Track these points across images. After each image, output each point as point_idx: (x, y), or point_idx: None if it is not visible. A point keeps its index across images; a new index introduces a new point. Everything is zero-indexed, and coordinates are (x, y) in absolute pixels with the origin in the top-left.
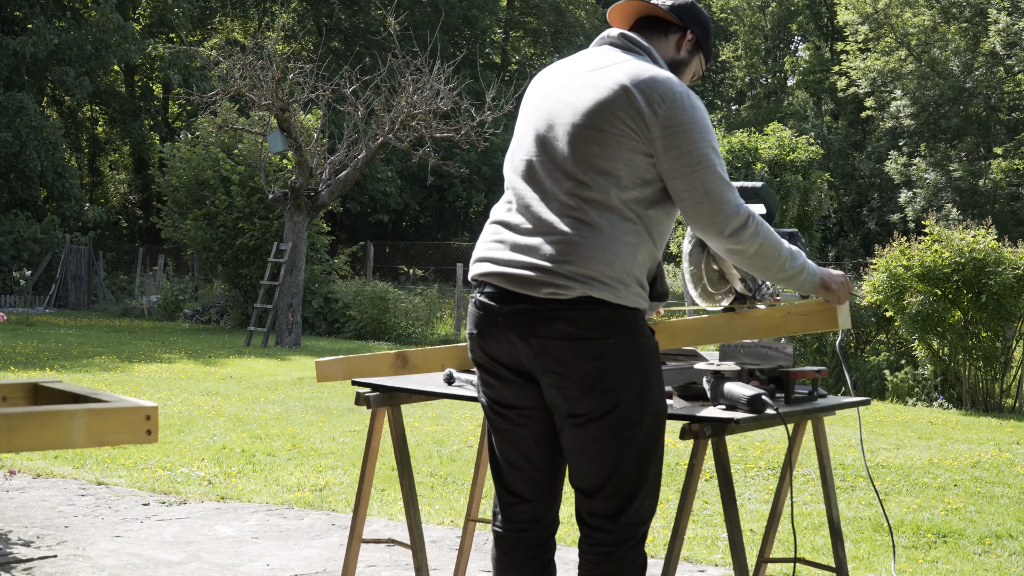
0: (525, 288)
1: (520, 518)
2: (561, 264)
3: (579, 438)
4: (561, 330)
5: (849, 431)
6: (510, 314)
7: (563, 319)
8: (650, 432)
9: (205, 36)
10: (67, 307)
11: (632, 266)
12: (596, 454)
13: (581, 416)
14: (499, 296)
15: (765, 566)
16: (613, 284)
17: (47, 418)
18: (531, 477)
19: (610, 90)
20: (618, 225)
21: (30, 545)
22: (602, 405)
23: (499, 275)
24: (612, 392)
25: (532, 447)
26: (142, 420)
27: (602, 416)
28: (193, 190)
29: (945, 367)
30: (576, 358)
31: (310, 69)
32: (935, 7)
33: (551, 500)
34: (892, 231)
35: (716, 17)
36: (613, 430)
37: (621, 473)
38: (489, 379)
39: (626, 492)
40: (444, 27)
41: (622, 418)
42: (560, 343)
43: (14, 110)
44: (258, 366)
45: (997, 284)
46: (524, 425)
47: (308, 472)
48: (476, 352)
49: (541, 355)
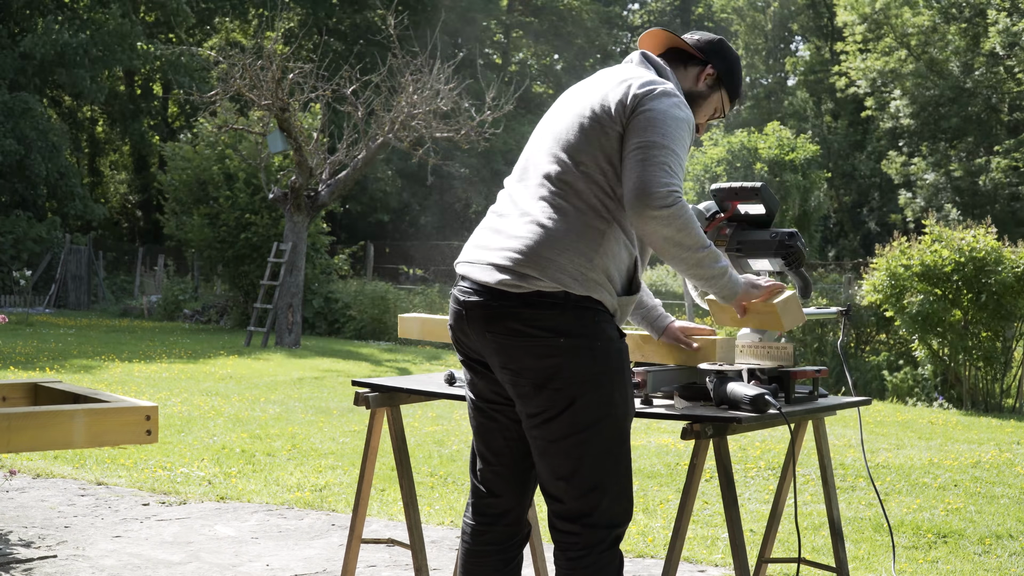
0: (484, 275)
1: (487, 511)
2: (523, 251)
3: (537, 439)
4: (511, 327)
5: (849, 431)
6: (471, 307)
7: (513, 316)
8: (612, 434)
9: (205, 36)
10: (67, 307)
11: (598, 258)
12: (555, 455)
13: (536, 416)
14: (467, 289)
15: (765, 566)
16: (572, 274)
17: (47, 418)
18: (499, 472)
19: (604, 86)
20: (585, 212)
21: (30, 545)
22: (555, 404)
23: (466, 264)
24: (564, 391)
25: (501, 442)
26: (142, 420)
27: (556, 416)
28: (195, 189)
29: (945, 367)
30: (526, 356)
31: (310, 69)
32: (935, 7)
33: (518, 498)
34: (892, 231)
35: (716, 17)
36: (570, 431)
37: (583, 475)
38: (468, 372)
39: (592, 495)
40: (444, 27)
41: (578, 418)
42: (510, 340)
43: (19, 111)
44: (258, 366)
45: (997, 284)
46: (495, 419)
47: (308, 472)
48: (455, 345)
49: (496, 351)
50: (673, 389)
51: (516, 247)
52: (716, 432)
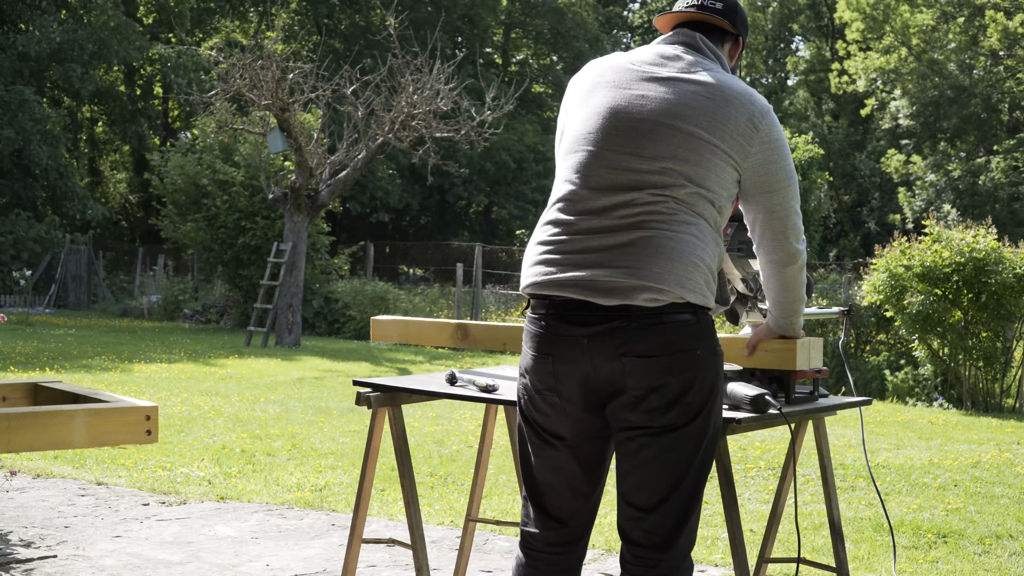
0: (615, 297)
1: (558, 541)
2: (649, 266)
3: (647, 448)
4: (655, 343)
5: (850, 431)
6: (596, 335)
7: (657, 331)
8: (711, 444)
9: (205, 36)
10: (67, 307)
11: (712, 266)
12: (662, 466)
13: (654, 428)
14: (580, 315)
15: (765, 566)
16: (700, 285)
17: (47, 418)
18: (573, 502)
19: (708, 98)
20: (699, 225)
21: (30, 545)
22: (682, 417)
23: (576, 286)
24: (696, 403)
25: (578, 475)
26: (142, 420)
27: (679, 428)
28: (191, 193)
29: (945, 367)
30: (666, 373)
31: (310, 69)
32: (935, 6)
33: (589, 523)
34: (892, 231)
35: None
36: (685, 441)
37: (682, 487)
38: (545, 407)
39: (685, 507)
40: (444, 27)
41: (696, 428)
42: (651, 359)
43: (16, 105)
44: (258, 366)
45: (997, 284)
46: (573, 455)
47: (308, 472)
48: (545, 377)
49: (632, 373)
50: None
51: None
52: None
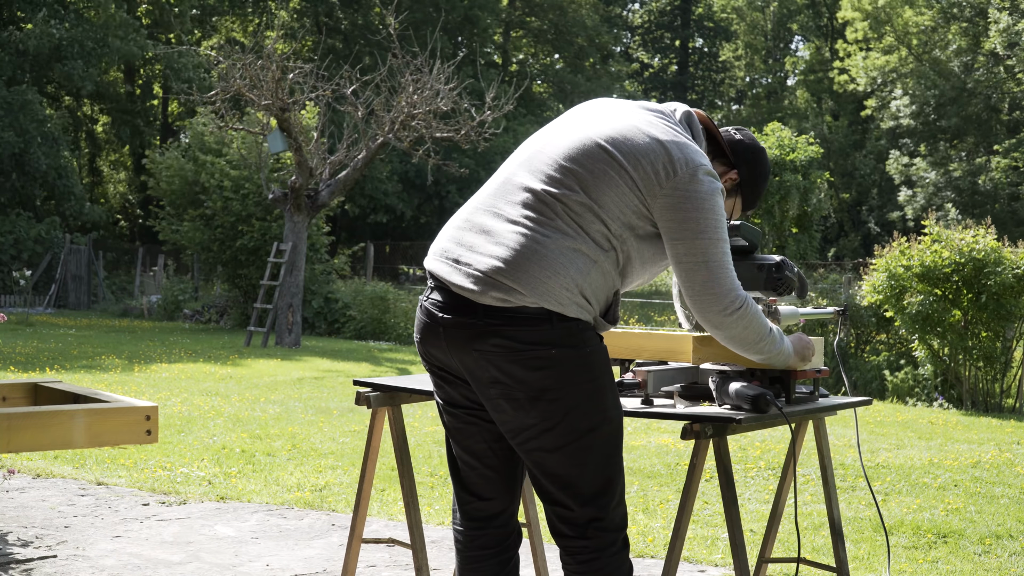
0: (467, 285)
1: (476, 515)
2: (511, 262)
3: (534, 451)
4: (500, 343)
5: (849, 431)
6: (451, 326)
7: (499, 333)
8: (609, 439)
9: (205, 35)
10: (67, 307)
11: (582, 281)
12: (557, 465)
13: (533, 427)
14: (442, 304)
15: (766, 566)
16: (557, 293)
17: (47, 418)
18: (484, 475)
19: (644, 136)
20: (582, 237)
21: (30, 545)
22: (552, 415)
23: (443, 263)
24: (560, 401)
25: (483, 445)
26: (142, 420)
27: (555, 426)
28: (188, 194)
29: (945, 367)
30: (519, 368)
31: (310, 69)
32: (935, 7)
33: (507, 498)
34: (892, 231)
35: (716, 17)
36: (570, 438)
37: (587, 483)
38: (438, 381)
39: (599, 499)
40: (444, 27)
41: (577, 426)
42: (501, 354)
43: (18, 105)
44: (258, 366)
45: (997, 284)
46: (474, 423)
47: (308, 472)
48: (422, 355)
49: (486, 366)
50: (673, 389)
51: (505, 256)
52: (716, 432)
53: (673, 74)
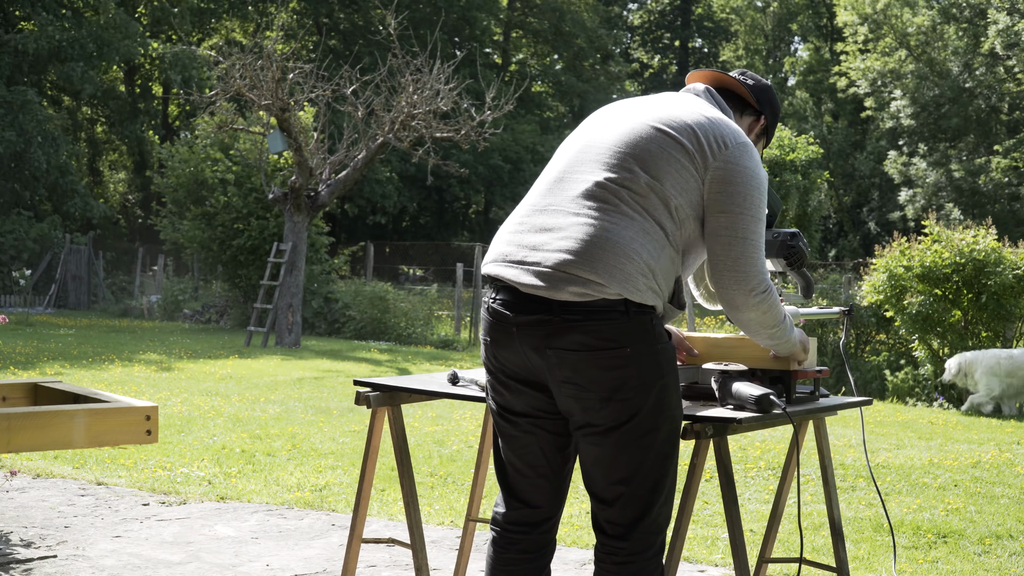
0: (540, 283)
1: (521, 521)
2: (582, 253)
3: (596, 446)
4: (578, 341)
5: (850, 431)
6: (525, 325)
7: (579, 330)
8: (668, 438)
9: (205, 36)
10: (67, 307)
11: (655, 264)
12: (615, 463)
13: (599, 426)
14: (513, 304)
15: (766, 566)
16: (634, 279)
17: (47, 418)
18: (536, 484)
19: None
20: (649, 221)
21: (30, 545)
22: (621, 415)
23: (508, 266)
24: (631, 401)
25: (539, 455)
26: (142, 420)
27: (621, 425)
28: (192, 190)
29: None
30: (594, 368)
31: (310, 69)
32: (935, 7)
33: (555, 506)
34: (892, 231)
35: (716, 17)
36: (632, 439)
37: (640, 481)
38: (499, 387)
39: (645, 500)
40: (444, 27)
41: (641, 426)
42: (578, 354)
43: (18, 105)
44: (258, 366)
45: (997, 284)
46: (532, 433)
47: (308, 472)
48: (488, 359)
49: (558, 366)
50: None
51: (575, 248)
52: (716, 432)
53: (673, 74)
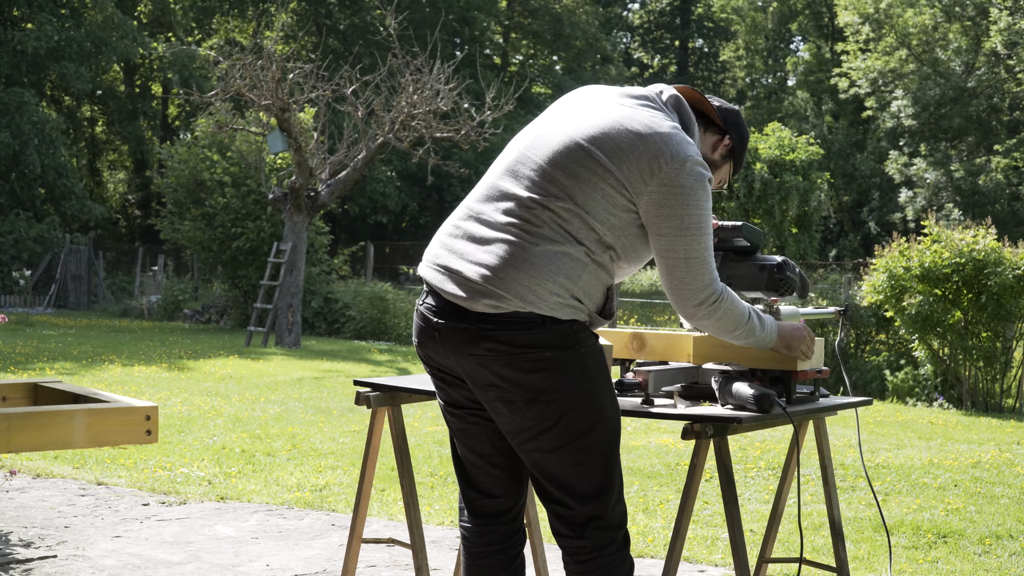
0: (458, 292)
1: (484, 511)
2: (499, 270)
3: (532, 452)
4: (495, 348)
5: (850, 431)
6: (446, 330)
7: (495, 338)
8: (607, 437)
9: (205, 36)
10: (67, 307)
11: (572, 285)
12: (555, 465)
13: (530, 429)
14: (437, 309)
15: (766, 566)
16: (544, 298)
17: (47, 418)
18: (491, 473)
19: (628, 133)
20: (569, 243)
21: (30, 545)
22: (549, 416)
23: (435, 271)
24: (557, 402)
25: (487, 444)
26: (142, 420)
27: (552, 427)
28: (192, 190)
29: (945, 367)
30: (515, 371)
31: (310, 69)
32: (936, 7)
33: (515, 495)
34: (892, 231)
35: (716, 17)
36: (567, 439)
37: (588, 480)
38: (439, 383)
39: (599, 498)
40: (444, 27)
41: (574, 428)
42: (496, 358)
43: (15, 106)
44: (258, 366)
45: (997, 284)
46: (477, 423)
47: (308, 472)
48: (422, 358)
49: (480, 369)
50: (674, 389)
51: (492, 264)
52: (716, 432)
53: (673, 75)
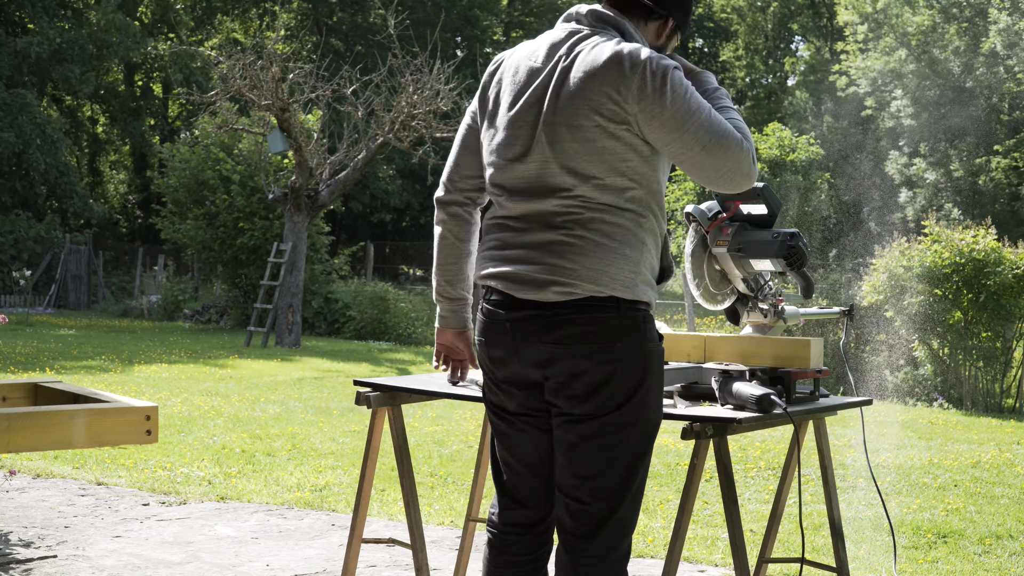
0: (531, 291)
1: (516, 522)
2: (566, 263)
3: (570, 433)
4: (569, 334)
5: (849, 431)
6: (518, 320)
7: (572, 322)
8: (642, 439)
9: (205, 36)
10: (67, 307)
11: (642, 260)
12: (588, 453)
13: (578, 415)
14: (505, 302)
15: (766, 566)
16: (623, 280)
17: (47, 418)
18: (531, 483)
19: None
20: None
21: (30, 545)
22: (604, 407)
23: (503, 277)
24: (616, 394)
25: (532, 452)
26: (142, 420)
27: (600, 416)
28: (193, 190)
29: (945, 367)
30: (585, 361)
31: (310, 69)
32: (935, 7)
33: (549, 507)
34: (892, 231)
35: (716, 17)
36: (609, 431)
37: (611, 475)
38: (492, 386)
39: (613, 495)
40: (444, 27)
41: (619, 420)
42: (569, 347)
43: (17, 107)
44: (258, 366)
45: (997, 284)
46: (526, 431)
47: (308, 472)
48: (482, 358)
49: (550, 361)
50: (674, 389)
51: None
52: (716, 432)
53: None
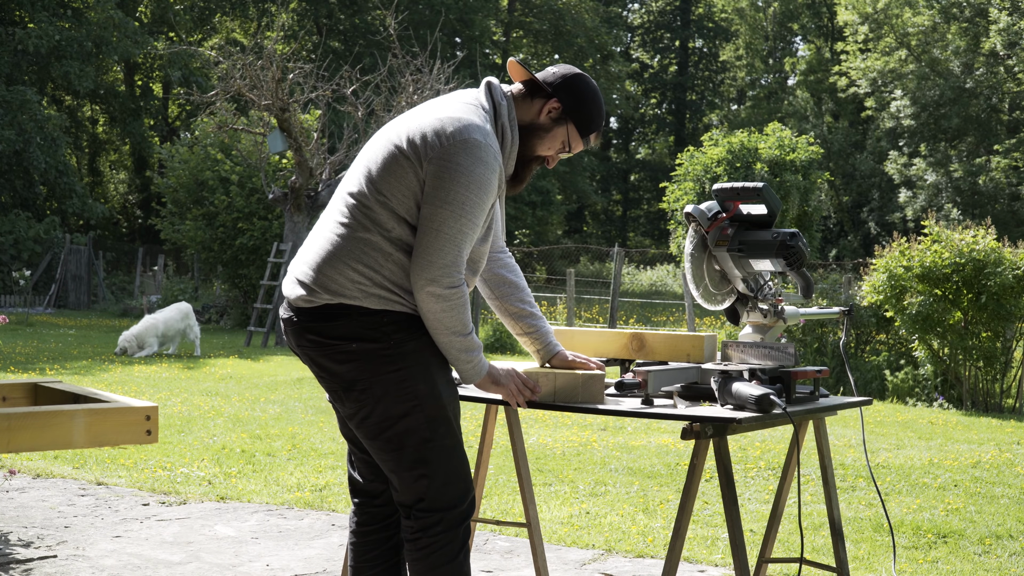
0: (288, 289)
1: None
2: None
3: (363, 438)
4: (310, 339)
5: (849, 431)
6: (284, 322)
7: (309, 329)
8: (425, 424)
9: (205, 36)
10: (67, 307)
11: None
12: (379, 451)
13: (352, 417)
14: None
15: (766, 566)
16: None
17: (47, 418)
18: (361, 457)
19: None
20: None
21: (30, 545)
22: (365, 405)
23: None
24: (369, 392)
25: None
26: (142, 420)
27: (369, 415)
28: (192, 190)
29: (945, 367)
30: (329, 362)
31: (310, 69)
32: (935, 7)
33: (383, 479)
34: (892, 231)
35: (717, 18)
36: (383, 427)
37: (406, 465)
38: None
39: (419, 482)
40: (444, 27)
41: (387, 417)
42: (313, 350)
43: (17, 105)
44: (258, 366)
45: (997, 284)
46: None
47: (308, 472)
48: None
49: (308, 362)
50: (673, 389)
51: (310, 262)
52: (716, 432)
53: (673, 74)
